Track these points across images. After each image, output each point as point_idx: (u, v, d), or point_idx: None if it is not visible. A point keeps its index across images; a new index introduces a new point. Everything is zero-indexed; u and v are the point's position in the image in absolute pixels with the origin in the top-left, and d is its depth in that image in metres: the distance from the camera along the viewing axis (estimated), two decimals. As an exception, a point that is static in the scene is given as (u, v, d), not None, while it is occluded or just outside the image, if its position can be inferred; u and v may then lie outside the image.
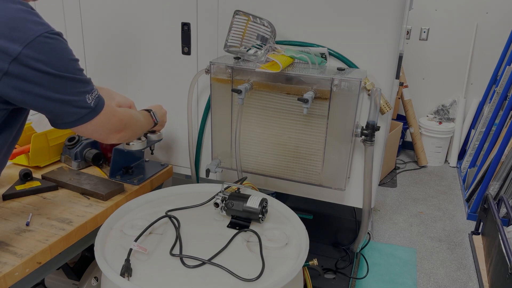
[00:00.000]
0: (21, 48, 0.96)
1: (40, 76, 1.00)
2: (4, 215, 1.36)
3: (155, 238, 1.27)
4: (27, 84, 0.99)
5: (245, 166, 1.73)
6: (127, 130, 1.27)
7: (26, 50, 0.96)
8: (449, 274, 2.38)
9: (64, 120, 1.09)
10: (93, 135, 1.19)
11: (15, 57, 0.96)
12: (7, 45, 0.95)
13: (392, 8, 1.48)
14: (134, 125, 1.32)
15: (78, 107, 1.08)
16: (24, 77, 0.98)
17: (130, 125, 1.29)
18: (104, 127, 1.18)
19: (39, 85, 1.01)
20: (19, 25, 0.97)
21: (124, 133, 1.26)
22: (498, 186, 2.76)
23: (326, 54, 1.59)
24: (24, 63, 0.97)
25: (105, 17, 1.88)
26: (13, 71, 0.97)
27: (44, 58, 0.99)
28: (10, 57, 0.95)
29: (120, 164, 1.67)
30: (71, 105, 1.07)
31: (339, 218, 2.13)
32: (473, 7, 3.55)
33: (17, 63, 0.96)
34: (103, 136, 1.21)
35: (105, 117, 1.16)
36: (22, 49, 0.96)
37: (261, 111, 1.62)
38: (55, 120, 1.10)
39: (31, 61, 0.97)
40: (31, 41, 0.97)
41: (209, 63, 1.62)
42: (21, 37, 0.96)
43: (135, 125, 1.33)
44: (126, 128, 1.26)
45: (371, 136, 1.52)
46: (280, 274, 1.14)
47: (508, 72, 3.21)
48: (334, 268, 1.97)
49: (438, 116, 3.85)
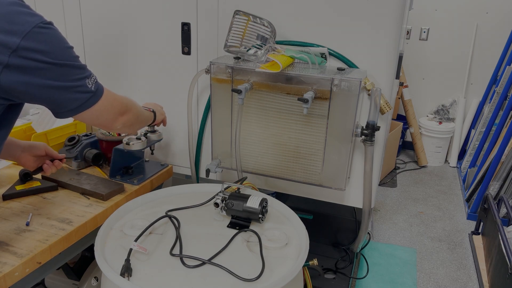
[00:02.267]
0: (19, 40, 0.97)
1: (40, 66, 1.00)
2: (4, 215, 1.36)
3: (155, 238, 1.27)
4: (27, 75, 1.00)
5: (245, 166, 1.73)
6: (130, 112, 1.26)
7: (24, 41, 0.97)
8: (449, 274, 2.38)
9: (68, 107, 1.09)
10: (99, 120, 1.18)
11: (14, 49, 0.96)
12: (6, 38, 0.96)
13: (392, 8, 1.48)
14: (135, 108, 1.31)
15: (80, 92, 1.08)
16: (25, 68, 0.99)
17: (132, 107, 1.28)
18: (108, 111, 1.17)
19: (40, 75, 1.01)
20: (15, 18, 0.98)
21: (127, 116, 1.25)
22: (498, 186, 2.76)
23: (326, 54, 1.59)
24: (23, 54, 0.98)
25: (105, 17, 1.88)
26: (13, 63, 0.97)
27: (42, 48, 1.00)
28: (9, 49, 0.96)
29: (120, 164, 1.67)
30: (73, 91, 1.07)
31: (339, 218, 2.13)
32: (473, 7, 3.55)
33: (17, 55, 0.97)
34: (109, 120, 1.20)
35: (107, 101, 1.16)
36: (21, 40, 0.97)
37: (261, 111, 1.62)
38: (58, 109, 1.10)
39: (30, 52, 0.98)
40: (28, 32, 0.98)
41: (209, 63, 1.62)
42: (18, 30, 0.97)
43: (136, 109, 1.32)
44: (128, 110, 1.25)
45: (371, 136, 1.52)
46: (280, 274, 1.14)
47: (508, 72, 3.21)
48: (334, 268, 1.97)
49: (438, 116, 3.85)
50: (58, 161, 1.43)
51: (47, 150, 1.42)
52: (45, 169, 1.41)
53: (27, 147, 1.39)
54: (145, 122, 1.45)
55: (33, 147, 1.40)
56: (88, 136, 1.77)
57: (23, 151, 1.38)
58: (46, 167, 1.41)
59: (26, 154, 1.38)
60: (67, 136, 1.77)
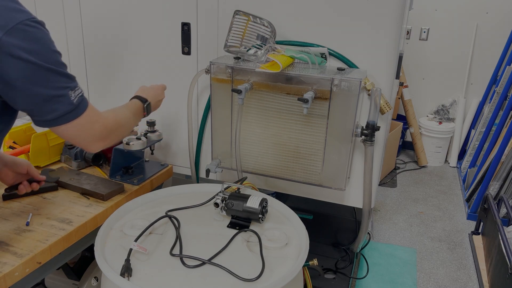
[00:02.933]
0: (1, 35, 0.91)
1: (20, 65, 0.94)
2: (4, 215, 1.36)
3: (155, 238, 1.27)
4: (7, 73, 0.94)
5: (245, 166, 1.73)
6: (112, 136, 1.16)
7: (6, 37, 0.92)
8: (449, 274, 2.38)
9: (43, 117, 1.02)
10: (75, 139, 1.09)
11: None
12: None
13: (392, 8, 1.48)
14: (120, 130, 1.21)
15: (59, 103, 1.01)
16: (4, 66, 0.94)
17: (116, 130, 1.18)
18: (86, 132, 1.08)
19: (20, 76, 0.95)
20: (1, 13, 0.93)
21: (109, 141, 1.15)
22: (498, 186, 2.76)
23: (326, 54, 1.59)
24: (5, 50, 0.92)
25: (105, 17, 1.88)
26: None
27: (25, 45, 0.94)
28: None
29: (120, 164, 1.67)
30: (52, 100, 1.00)
31: (339, 218, 2.13)
32: (473, 7, 3.55)
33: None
34: (86, 142, 1.11)
35: (87, 120, 1.07)
36: (2, 36, 0.92)
37: (261, 111, 1.62)
38: (34, 117, 1.03)
39: (11, 48, 0.93)
40: (11, 27, 0.93)
41: (209, 63, 1.62)
42: (1, 24, 0.92)
43: (121, 130, 1.22)
44: (111, 135, 1.15)
45: (371, 136, 1.52)
46: (280, 274, 1.14)
47: (508, 72, 3.21)
48: (334, 268, 1.97)
49: (438, 116, 3.85)
50: (35, 183, 1.37)
51: (29, 169, 1.35)
52: (20, 189, 1.34)
53: (10, 162, 1.32)
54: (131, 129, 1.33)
55: (16, 164, 1.32)
56: (88, 136, 1.77)
57: (5, 165, 1.31)
58: (22, 187, 1.34)
59: (6, 169, 1.32)
60: (67, 136, 1.77)
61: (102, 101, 2.02)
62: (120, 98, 1.98)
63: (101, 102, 2.02)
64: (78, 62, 2.00)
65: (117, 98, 1.99)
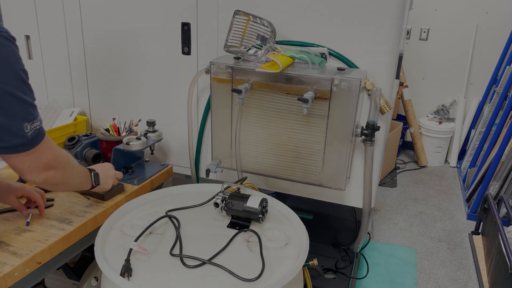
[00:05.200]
0: None
1: None
2: (4, 215, 1.36)
3: (155, 238, 1.27)
4: None
5: (245, 166, 1.73)
6: (58, 170, 1.06)
7: None
8: (449, 274, 2.37)
9: None
10: (17, 167, 0.99)
11: None
12: None
13: (392, 8, 1.48)
14: (67, 168, 1.10)
15: (10, 135, 0.90)
16: None
17: (63, 166, 1.08)
18: (34, 162, 0.99)
19: None
20: None
21: (53, 172, 1.05)
22: (498, 186, 2.76)
23: (326, 54, 1.59)
24: None
25: (105, 17, 1.88)
26: None
27: None
28: None
29: (120, 164, 1.67)
30: (2, 129, 0.89)
31: (339, 218, 2.13)
32: (473, 7, 3.55)
33: None
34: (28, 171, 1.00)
35: (40, 152, 0.98)
36: None
37: (261, 111, 1.62)
38: None
39: None
40: None
41: (209, 63, 1.62)
42: None
43: (68, 170, 1.11)
44: (57, 167, 1.05)
45: (371, 136, 1.52)
46: (280, 274, 1.14)
47: (508, 72, 3.21)
48: (334, 268, 1.97)
49: (438, 116, 3.85)
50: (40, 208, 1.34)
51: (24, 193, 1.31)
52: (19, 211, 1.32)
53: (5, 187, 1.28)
54: (76, 187, 1.23)
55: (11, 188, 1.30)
56: (88, 136, 1.77)
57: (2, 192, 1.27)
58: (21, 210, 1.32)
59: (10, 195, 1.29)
60: (67, 136, 1.77)
61: (102, 101, 2.02)
62: (120, 98, 1.98)
63: (101, 102, 2.02)
64: (78, 62, 2.00)
65: (117, 98, 1.99)
